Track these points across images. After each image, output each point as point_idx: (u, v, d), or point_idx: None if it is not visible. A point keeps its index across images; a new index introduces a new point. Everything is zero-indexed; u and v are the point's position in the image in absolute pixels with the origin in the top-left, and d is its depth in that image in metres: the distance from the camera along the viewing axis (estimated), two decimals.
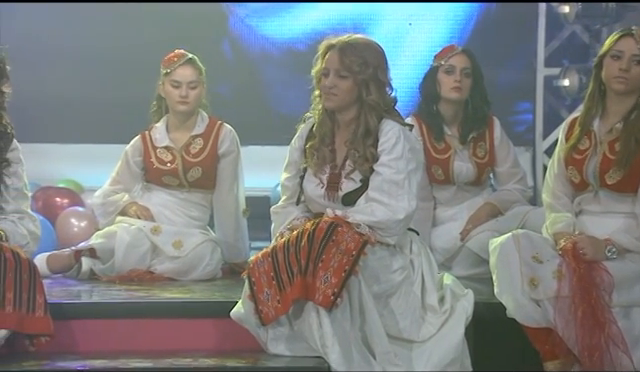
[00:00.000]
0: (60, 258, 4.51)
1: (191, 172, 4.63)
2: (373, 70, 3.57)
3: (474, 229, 4.63)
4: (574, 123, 3.80)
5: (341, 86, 3.58)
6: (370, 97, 3.57)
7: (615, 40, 3.70)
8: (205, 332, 3.69)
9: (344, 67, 3.56)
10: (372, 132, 3.58)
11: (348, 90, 3.58)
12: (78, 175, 6.06)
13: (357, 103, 3.61)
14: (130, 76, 5.91)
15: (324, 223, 3.41)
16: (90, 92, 6.19)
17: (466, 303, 3.62)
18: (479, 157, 4.75)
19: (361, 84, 3.57)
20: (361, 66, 3.56)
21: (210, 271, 4.56)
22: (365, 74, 3.56)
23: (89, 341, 3.65)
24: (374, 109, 3.58)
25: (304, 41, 3.66)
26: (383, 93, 3.59)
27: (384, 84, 3.60)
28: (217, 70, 4.99)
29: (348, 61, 3.56)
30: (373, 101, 3.57)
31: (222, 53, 6.30)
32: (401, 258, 3.60)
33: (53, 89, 6.22)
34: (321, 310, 3.37)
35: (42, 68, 6.17)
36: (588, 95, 3.76)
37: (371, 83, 3.57)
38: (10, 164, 3.68)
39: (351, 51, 3.56)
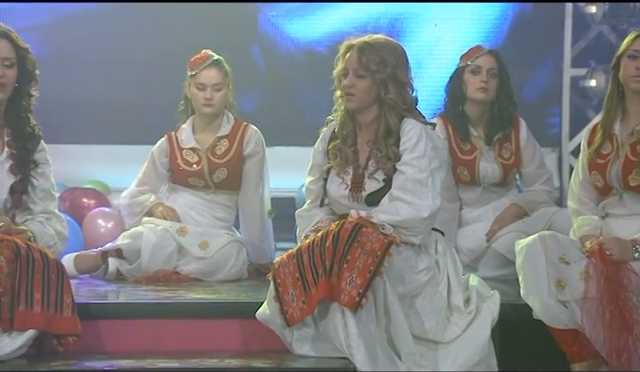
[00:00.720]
0: (87, 258, 4.54)
1: (217, 173, 4.65)
2: (392, 69, 3.57)
3: (500, 230, 4.62)
4: (595, 128, 3.79)
5: (359, 86, 3.58)
6: (388, 96, 3.57)
7: (632, 40, 3.69)
8: (231, 333, 3.70)
9: (362, 66, 3.57)
10: (393, 131, 3.58)
11: (366, 89, 3.58)
12: (105, 176, 6.10)
13: (377, 103, 3.61)
14: (157, 77, 5.94)
15: (349, 224, 3.41)
16: (117, 93, 6.23)
17: (492, 304, 3.61)
18: (505, 158, 4.73)
19: (379, 83, 3.58)
20: (379, 65, 3.56)
21: (236, 272, 4.57)
22: (383, 73, 3.56)
23: (116, 341, 3.67)
24: (393, 108, 3.58)
25: (330, 43, 3.66)
26: (402, 92, 3.59)
27: (403, 84, 3.60)
28: (245, 72, 5.01)
29: (366, 60, 3.56)
30: (392, 100, 3.57)
31: (250, 54, 6.31)
32: (426, 258, 3.59)
33: (80, 91, 6.26)
34: (346, 311, 3.37)
35: (70, 70, 6.21)
36: (607, 97, 3.75)
37: (390, 82, 3.57)
38: (37, 165, 3.70)
39: (369, 50, 3.57)
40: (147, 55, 6.19)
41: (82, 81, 6.26)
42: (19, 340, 3.42)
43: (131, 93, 6.22)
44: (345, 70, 3.60)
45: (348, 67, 3.60)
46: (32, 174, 3.69)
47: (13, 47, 3.61)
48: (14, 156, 3.65)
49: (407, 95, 3.61)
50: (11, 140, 3.66)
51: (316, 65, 3.94)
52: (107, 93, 6.25)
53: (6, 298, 3.39)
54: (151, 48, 6.18)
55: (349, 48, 3.61)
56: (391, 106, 3.58)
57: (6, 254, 3.41)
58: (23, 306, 3.42)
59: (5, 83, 3.58)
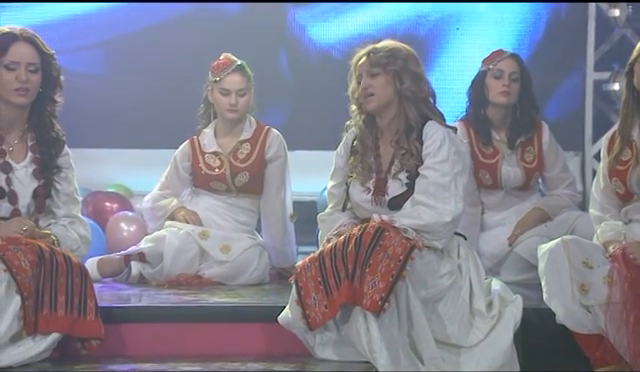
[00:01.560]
0: (110, 262, 4.56)
1: (239, 177, 4.66)
2: (402, 61, 3.61)
3: (522, 234, 4.60)
4: (614, 136, 3.78)
5: (375, 84, 3.61)
6: (405, 86, 3.59)
7: None
8: (253, 336, 3.70)
9: (372, 64, 3.61)
10: (414, 126, 3.60)
11: (383, 86, 3.61)
12: (127, 180, 6.12)
13: (396, 98, 3.62)
14: (181, 81, 5.96)
15: (371, 228, 3.41)
16: (140, 97, 6.26)
17: (515, 309, 3.60)
18: (527, 162, 4.72)
19: (394, 76, 3.60)
20: (389, 58, 3.60)
21: (258, 276, 4.58)
22: (395, 65, 3.60)
23: (139, 345, 3.68)
24: (411, 100, 3.60)
25: (352, 46, 3.67)
26: (418, 83, 3.61)
27: (417, 75, 3.62)
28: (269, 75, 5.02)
29: (376, 58, 3.61)
30: (409, 90, 3.59)
31: (275, 57, 6.32)
32: (449, 263, 3.59)
33: (103, 95, 6.29)
34: (369, 315, 3.37)
35: (92, 74, 6.25)
36: (623, 103, 3.75)
37: (403, 73, 3.60)
38: (61, 169, 3.72)
39: (377, 51, 3.64)
40: (170, 58, 6.21)
41: (105, 85, 6.29)
42: (43, 343, 3.44)
43: (154, 97, 6.24)
44: (359, 76, 3.64)
45: (361, 72, 3.64)
46: (55, 178, 3.71)
47: (38, 53, 3.63)
48: (38, 160, 3.67)
49: (422, 86, 3.62)
50: (35, 145, 3.68)
51: (339, 69, 3.95)
52: (130, 97, 6.28)
53: (30, 302, 3.41)
54: (175, 51, 6.20)
55: (359, 58, 3.67)
56: (409, 97, 3.60)
57: (30, 258, 3.43)
58: (47, 310, 3.44)
59: (29, 88, 3.60)
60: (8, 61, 3.58)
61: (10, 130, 3.67)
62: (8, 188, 3.61)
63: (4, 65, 3.59)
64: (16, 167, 3.64)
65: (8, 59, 3.58)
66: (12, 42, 3.60)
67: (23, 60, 3.59)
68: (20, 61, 3.59)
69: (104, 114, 6.26)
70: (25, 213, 3.63)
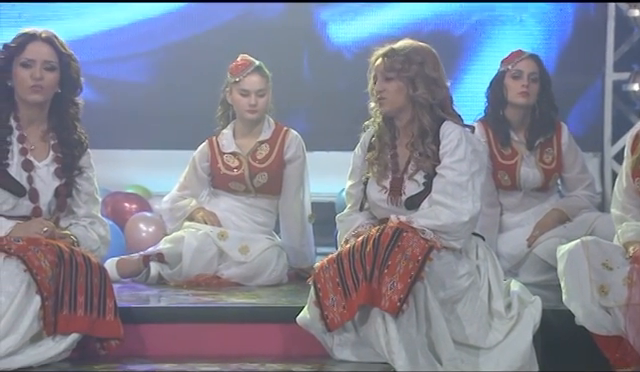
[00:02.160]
0: (129, 263, 4.57)
1: (257, 178, 4.67)
2: (418, 66, 3.59)
3: (541, 235, 4.59)
4: (638, 135, 3.75)
5: (389, 88, 3.61)
6: (417, 93, 3.58)
7: None
8: (272, 337, 3.71)
9: (387, 69, 3.60)
10: (428, 130, 3.59)
11: (396, 91, 3.60)
12: (146, 181, 6.14)
13: (410, 104, 3.62)
14: (199, 82, 5.98)
15: (389, 229, 3.41)
16: (159, 99, 6.28)
17: (534, 310, 3.59)
18: (546, 163, 4.71)
19: (407, 82, 3.59)
20: (403, 64, 3.59)
21: (276, 276, 4.58)
22: (410, 71, 3.58)
23: (157, 345, 3.69)
24: (424, 106, 3.59)
25: (371, 47, 3.68)
26: (432, 88, 3.60)
27: (433, 80, 3.60)
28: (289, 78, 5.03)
29: (391, 62, 3.60)
30: (421, 97, 3.58)
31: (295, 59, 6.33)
32: (467, 263, 3.58)
33: (123, 96, 6.32)
34: (387, 316, 3.36)
35: (112, 76, 6.27)
36: None
37: (417, 79, 3.59)
38: (83, 170, 3.75)
39: (393, 53, 3.62)
40: (190, 60, 6.23)
41: (124, 87, 6.32)
42: (63, 344, 3.45)
43: (173, 98, 6.26)
44: (375, 77, 3.65)
45: (377, 73, 3.64)
46: (77, 179, 3.73)
47: (55, 52, 3.65)
48: (60, 159, 3.69)
49: (438, 91, 3.61)
50: (57, 144, 3.70)
51: (357, 69, 3.95)
52: (148, 98, 6.30)
53: (50, 302, 3.43)
54: (194, 53, 6.22)
55: (377, 57, 3.66)
56: (422, 104, 3.59)
57: (50, 258, 3.45)
58: (67, 310, 3.45)
59: (43, 86, 3.62)
60: (24, 59, 3.61)
61: (31, 129, 3.69)
62: (29, 186, 3.63)
63: (20, 63, 3.62)
64: (38, 165, 3.66)
65: (25, 57, 3.61)
66: (29, 41, 3.63)
67: (39, 58, 3.62)
68: (36, 59, 3.61)
69: (124, 116, 6.29)
70: (46, 212, 3.66)
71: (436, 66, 3.63)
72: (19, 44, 3.62)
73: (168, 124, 6.23)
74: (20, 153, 3.65)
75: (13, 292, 3.41)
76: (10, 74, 3.63)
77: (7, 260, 3.45)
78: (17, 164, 3.63)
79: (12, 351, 3.38)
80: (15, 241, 3.48)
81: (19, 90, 3.63)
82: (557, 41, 6.25)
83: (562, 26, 6.32)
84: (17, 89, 3.64)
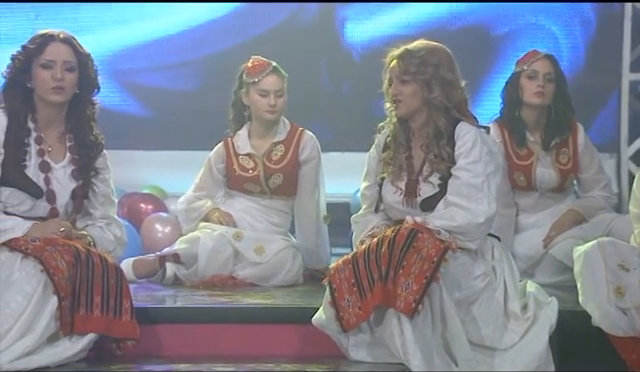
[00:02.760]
0: (145, 263, 4.59)
1: (272, 179, 4.67)
2: (434, 69, 3.58)
3: (558, 236, 4.58)
4: None
5: (404, 91, 3.60)
6: (432, 96, 3.58)
7: None
8: (287, 338, 3.71)
9: (402, 71, 3.59)
10: (443, 132, 3.59)
11: (412, 94, 3.59)
12: (162, 181, 6.16)
13: (425, 106, 3.61)
14: (216, 83, 5.99)
15: (404, 229, 3.41)
16: (175, 100, 6.30)
17: (550, 311, 3.58)
18: (562, 163, 4.69)
19: (423, 85, 3.58)
20: (419, 66, 3.58)
21: (291, 277, 4.59)
22: (425, 74, 3.57)
23: (173, 345, 3.70)
24: (439, 109, 3.59)
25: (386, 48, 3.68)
26: (448, 91, 3.59)
27: (449, 82, 3.59)
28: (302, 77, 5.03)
29: (406, 65, 3.59)
30: (437, 100, 3.58)
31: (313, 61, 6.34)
32: (483, 264, 3.57)
33: (139, 97, 6.34)
34: (402, 317, 3.36)
35: (129, 77, 6.30)
36: None
37: (433, 82, 3.58)
38: (99, 171, 3.76)
39: (409, 56, 3.61)
40: (207, 61, 6.25)
41: (141, 88, 6.34)
42: (79, 344, 3.47)
43: (189, 99, 6.28)
44: (390, 80, 3.64)
45: (392, 76, 3.64)
46: (93, 180, 3.74)
47: (74, 52, 3.67)
48: (76, 161, 3.70)
49: (454, 93, 3.60)
50: (74, 146, 3.72)
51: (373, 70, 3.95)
52: (165, 99, 6.32)
53: (67, 302, 3.44)
54: (213, 54, 6.24)
55: (392, 58, 3.66)
56: (437, 107, 3.59)
57: (67, 259, 3.46)
58: (83, 310, 3.47)
59: (64, 87, 3.64)
60: (45, 60, 3.63)
61: (49, 130, 3.71)
62: (46, 187, 3.65)
63: (41, 64, 3.63)
64: (55, 167, 3.68)
65: (45, 58, 3.63)
66: (49, 42, 3.65)
67: (59, 59, 3.63)
68: (56, 59, 3.63)
69: (140, 117, 6.31)
70: (63, 213, 3.67)
71: (451, 67, 3.62)
72: (38, 45, 3.64)
73: (184, 125, 6.25)
74: (38, 154, 3.67)
75: (30, 292, 3.43)
76: (29, 75, 3.65)
77: (24, 260, 3.47)
78: (34, 165, 3.65)
79: (29, 351, 3.40)
80: (32, 241, 3.50)
81: (40, 91, 3.65)
82: (575, 42, 6.23)
83: (582, 27, 6.30)
84: (37, 90, 3.65)
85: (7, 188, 3.61)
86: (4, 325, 3.40)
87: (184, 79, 6.33)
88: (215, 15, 6.32)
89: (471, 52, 5.59)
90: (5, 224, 3.55)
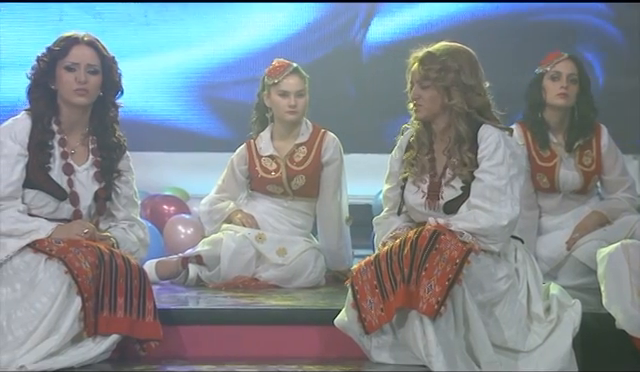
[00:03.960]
0: (168, 265, 4.60)
1: (295, 180, 4.67)
2: (454, 74, 3.56)
3: (581, 238, 4.55)
4: None
5: (424, 96, 3.59)
6: (452, 102, 3.56)
7: None
8: (309, 339, 3.72)
9: (423, 77, 3.58)
10: (465, 138, 3.57)
11: (431, 99, 3.58)
12: (184, 183, 6.19)
13: (446, 111, 3.60)
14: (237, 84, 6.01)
15: (427, 231, 3.40)
16: (197, 102, 6.32)
17: (573, 313, 3.56)
18: (586, 165, 4.67)
19: (443, 91, 3.57)
20: (439, 72, 3.56)
21: (314, 279, 4.59)
22: (445, 80, 3.56)
23: (196, 346, 3.71)
24: (460, 114, 3.57)
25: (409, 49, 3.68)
26: (469, 96, 3.57)
27: (470, 87, 3.58)
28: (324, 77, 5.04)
29: (426, 70, 3.58)
30: (457, 106, 3.57)
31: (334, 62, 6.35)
32: (506, 266, 3.56)
33: (161, 99, 6.37)
34: (425, 319, 3.36)
35: (151, 80, 6.33)
36: None
37: (453, 88, 3.56)
38: (122, 173, 3.78)
39: (430, 60, 3.58)
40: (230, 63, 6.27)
41: (163, 90, 6.37)
42: (103, 345, 3.49)
43: (211, 101, 6.30)
44: (411, 82, 3.64)
45: (413, 79, 3.63)
46: (116, 182, 3.76)
47: (98, 55, 3.69)
48: (99, 163, 3.72)
49: (475, 98, 3.58)
50: (96, 148, 3.74)
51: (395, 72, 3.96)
52: (187, 102, 6.35)
53: (90, 303, 3.46)
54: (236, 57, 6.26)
55: (414, 60, 3.65)
56: (458, 112, 3.58)
57: (90, 260, 3.48)
58: (107, 311, 3.49)
59: (88, 89, 3.66)
60: (69, 62, 3.65)
61: (72, 133, 3.73)
62: (70, 189, 3.67)
63: (65, 66, 3.66)
64: (78, 169, 3.70)
65: (69, 60, 3.65)
66: (73, 45, 3.67)
67: (83, 61, 3.65)
68: (80, 62, 3.65)
69: (162, 118, 6.34)
70: (86, 215, 3.69)
71: (474, 72, 3.59)
72: (62, 48, 3.66)
73: (207, 127, 6.27)
74: (61, 157, 3.69)
75: (54, 293, 3.45)
76: (53, 77, 3.67)
77: (48, 262, 3.49)
78: (58, 168, 3.68)
79: (54, 352, 3.42)
80: (56, 243, 3.52)
81: (64, 93, 3.67)
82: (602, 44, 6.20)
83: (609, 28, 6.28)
84: (61, 92, 3.68)
85: (31, 190, 3.63)
86: (29, 326, 3.43)
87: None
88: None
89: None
90: (29, 225, 3.57)
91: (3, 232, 3.55)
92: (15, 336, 3.43)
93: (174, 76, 6.47)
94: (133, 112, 3.86)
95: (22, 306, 3.45)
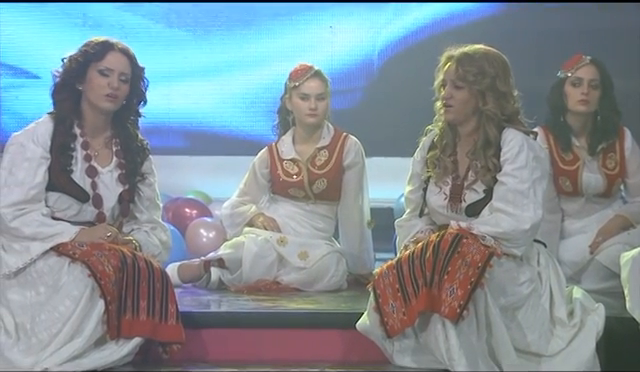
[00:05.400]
0: (190, 268, 4.62)
1: (316, 184, 4.68)
2: (490, 80, 3.54)
3: (604, 242, 4.53)
4: None
5: (457, 97, 3.57)
6: (486, 107, 3.55)
7: None
8: (331, 343, 3.71)
9: (459, 77, 3.56)
10: (492, 143, 3.56)
11: (464, 101, 3.57)
12: (206, 186, 6.20)
13: (476, 114, 3.59)
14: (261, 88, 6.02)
15: (449, 235, 3.39)
16: (221, 105, 6.35)
17: (597, 317, 3.54)
18: (609, 168, 4.64)
19: (477, 95, 3.56)
20: (476, 76, 3.54)
21: (335, 282, 4.59)
22: (481, 84, 3.54)
23: (218, 349, 3.72)
24: (492, 120, 3.56)
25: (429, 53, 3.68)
26: (502, 103, 3.56)
27: (503, 94, 3.56)
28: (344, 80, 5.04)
29: (463, 71, 3.55)
30: (490, 111, 3.55)
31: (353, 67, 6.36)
32: (528, 270, 3.55)
33: (184, 103, 6.40)
34: (447, 322, 3.35)
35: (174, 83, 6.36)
36: None
37: (488, 93, 3.55)
38: (144, 176, 3.80)
39: (468, 61, 3.56)
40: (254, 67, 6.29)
41: (186, 94, 6.40)
42: (126, 348, 3.50)
43: (235, 105, 6.32)
44: (444, 81, 3.61)
45: (447, 78, 3.60)
46: (138, 185, 3.78)
47: (131, 65, 3.72)
48: (123, 165, 3.74)
49: (507, 105, 3.57)
50: (120, 150, 3.76)
51: (417, 74, 3.95)
52: (208, 105, 6.37)
53: (113, 306, 3.48)
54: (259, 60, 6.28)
55: (449, 59, 3.61)
56: (490, 117, 3.56)
57: (113, 263, 3.50)
58: (130, 314, 3.50)
59: (118, 96, 3.69)
60: (103, 67, 3.67)
61: (95, 136, 3.75)
62: (93, 192, 3.69)
63: (98, 70, 3.68)
64: (102, 171, 3.72)
65: (103, 65, 3.67)
66: (109, 50, 3.69)
67: (117, 69, 3.68)
68: (114, 69, 3.68)
69: (184, 123, 6.37)
70: (109, 217, 3.71)
71: (507, 79, 3.58)
72: (98, 52, 3.68)
73: (229, 130, 6.29)
74: (84, 159, 3.71)
75: (78, 296, 3.47)
76: (83, 78, 3.69)
77: (72, 265, 3.51)
78: (81, 170, 3.70)
79: (77, 354, 3.44)
80: (79, 246, 3.54)
81: (92, 96, 3.69)
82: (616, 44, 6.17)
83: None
84: (90, 95, 3.70)
85: (54, 193, 3.66)
86: (52, 329, 3.45)
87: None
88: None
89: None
90: (53, 229, 3.59)
91: (27, 235, 3.57)
92: (39, 339, 3.45)
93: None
94: (154, 115, 3.87)
95: (46, 309, 3.47)
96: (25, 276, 3.55)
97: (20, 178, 3.61)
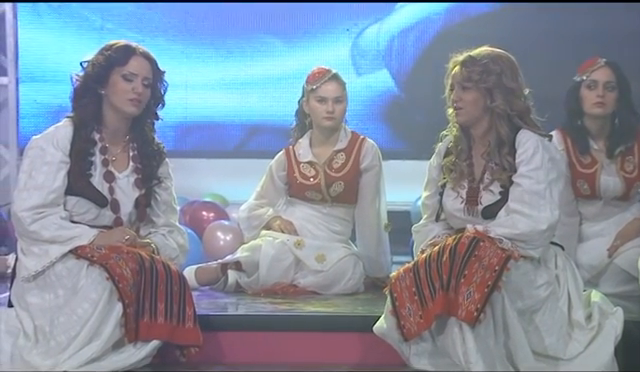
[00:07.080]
0: (207, 271, 4.63)
1: (333, 187, 4.68)
2: (496, 77, 3.56)
3: (623, 245, 4.51)
4: None
5: (465, 98, 3.59)
6: (495, 104, 3.56)
7: None
8: (348, 346, 3.72)
9: (465, 78, 3.58)
10: (505, 141, 3.57)
11: (473, 101, 3.58)
12: (224, 189, 6.22)
13: (487, 114, 3.60)
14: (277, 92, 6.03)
15: (466, 238, 3.39)
16: (236, 108, 6.36)
17: (615, 321, 3.53)
18: (627, 171, 4.62)
19: (485, 93, 3.57)
20: (481, 74, 3.56)
21: (352, 285, 4.59)
22: (487, 82, 3.56)
23: (235, 352, 3.73)
24: (502, 117, 3.57)
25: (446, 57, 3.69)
26: (510, 99, 3.57)
27: (511, 90, 3.57)
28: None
29: (468, 72, 3.58)
30: (499, 108, 3.56)
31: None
32: (546, 273, 3.54)
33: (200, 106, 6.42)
34: (464, 326, 3.35)
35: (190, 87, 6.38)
36: None
37: (495, 90, 3.56)
38: (161, 180, 3.81)
39: (472, 62, 3.59)
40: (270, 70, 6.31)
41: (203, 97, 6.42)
42: (144, 350, 3.51)
43: (250, 107, 6.34)
44: (452, 85, 3.64)
45: (454, 82, 3.63)
46: (156, 188, 3.80)
47: (153, 69, 3.74)
48: (139, 170, 3.76)
49: (516, 102, 3.58)
50: (136, 155, 3.78)
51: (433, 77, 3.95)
52: (226, 108, 6.39)
53: (131, 309, 3.49)
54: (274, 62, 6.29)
55: (455, 64, 3.65)
56: (500, 115, 3.57)
57: (131, 266, 3.51)
58: (147, 317, 3.52)
59: (141, 100, 3.71)
60: (127, 72, 3.69)
61: (114, 140, 3.77)
62: (111, 197, 3.71)
63: (122, 75, 3.69)
64: (119, 176, 3.74)
65: (127, 70, 3.69)
66: (132, 55, 3.71)
67: (141, 73, 3.70)
68: (138, 74, 3.70)
69: (203, 125, 6.39)
70: (127, 221, 3.73)
71: (514, 76, 3.60)
72: (121, 56, 3.70)
73: (246, 133, 6.30)
74: (102, 164, 3.73)
75: (96, 299, 3.48)
76: (106, 82, 3.71)
77: (90, 268, 3.53)
78: (99, 175, 3.71)
79: (95, 357, 3.46)
80: (98, 249, 3.55)
81: (116, 100, 3.71)
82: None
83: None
84: (113, 99, 3.71)
85: (73, 197, 3.67)
86: (71, 331, 3.46)
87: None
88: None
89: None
90: (72, 232, 3.61)
91: (46, 238, 3.59)
92: (58, 341, 3.47)
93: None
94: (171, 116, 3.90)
95: (64, 312, 3.49)
96: (44, 279, 3.57)
97: (40, 182, 3.63)
